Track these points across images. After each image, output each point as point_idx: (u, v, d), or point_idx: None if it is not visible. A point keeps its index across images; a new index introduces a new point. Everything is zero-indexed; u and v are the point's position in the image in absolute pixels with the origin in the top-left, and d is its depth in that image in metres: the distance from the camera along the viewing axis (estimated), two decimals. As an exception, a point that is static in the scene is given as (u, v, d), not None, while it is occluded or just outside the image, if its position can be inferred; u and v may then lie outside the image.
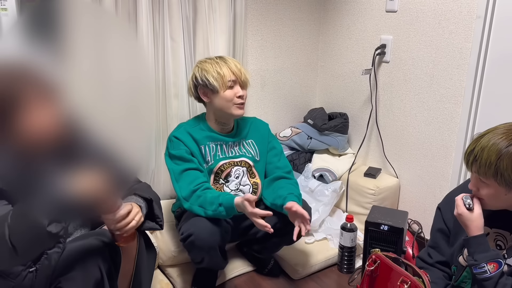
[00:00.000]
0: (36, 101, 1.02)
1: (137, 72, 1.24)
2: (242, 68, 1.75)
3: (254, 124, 1.90)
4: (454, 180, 2.03)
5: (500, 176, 1.15)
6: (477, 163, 1.18)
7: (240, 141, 1.83)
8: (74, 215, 1.30)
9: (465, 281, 1.33)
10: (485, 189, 1.21)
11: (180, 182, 1.68)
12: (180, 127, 1.80)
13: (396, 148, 2.30)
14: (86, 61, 1.74)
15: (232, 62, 1.73)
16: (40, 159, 1.11)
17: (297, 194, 1.73)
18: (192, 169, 1.69)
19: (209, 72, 1.70)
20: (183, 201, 1.67)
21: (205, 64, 1.73)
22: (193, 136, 1.74)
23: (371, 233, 1.84)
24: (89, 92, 1.58)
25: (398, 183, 2.31)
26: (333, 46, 2.55)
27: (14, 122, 1.00)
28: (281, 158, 1.90)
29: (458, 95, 1.96)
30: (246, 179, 1.83)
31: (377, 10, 2.25)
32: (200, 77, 1.72)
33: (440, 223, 1.47)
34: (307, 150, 2.50)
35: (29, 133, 1.02)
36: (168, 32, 1.98)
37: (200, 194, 1.64)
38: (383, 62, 2.26)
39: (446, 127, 2.04)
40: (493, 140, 1.16)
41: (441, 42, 1.98)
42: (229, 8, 2.13)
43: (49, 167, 1.12)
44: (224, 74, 1.69)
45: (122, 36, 1.51)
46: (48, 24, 1.09)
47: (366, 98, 2.40)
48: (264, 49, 2.42)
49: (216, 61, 1.73)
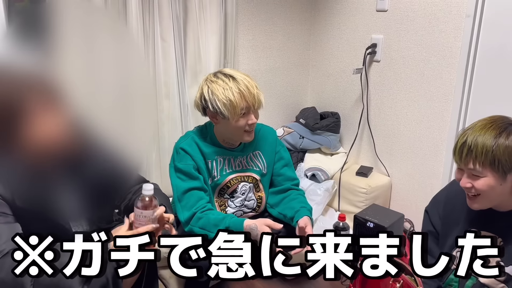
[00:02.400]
0: (40, 108, 1.01)
1: (132, 68, 1.23)
2: (255, 91, 1.55)
3: (261, 133, 1.75)
4: (445, 178, 2.04)
5: (497, 163, 1.13)
6: (472, 153, 1.15)
7: (248, 154, 1.73)
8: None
9: (451, 284, 1.32)
10: (481, 181, 1.17)
11: (182, 202, 1.58)
12: (187, 136, 1.66)
13: (387, 147, 2.31)
14: (79, 61, 1.73)
15: (245, 84, 1.53)
16: (50, 169, 1.09)
17: (309, 208, 1.67)
18: (196, 189, 1.59)
19: (219, 98, 1.51)
20: (183, 224, 1.59)
21: (214, 85, 1.53)
22: (201, 148, 1.63)
23: (359, 229, 1.83)
24: (86, 92, 1.56)
25: (390, 181, 2.32)
26: (325, 46, 2.55)
27: (21, 131, 0.98)
28: (289, 169, 1.80)
29: (448, 93, 1.97)
30: (251, 194, 1.75)
31: (368, 10, 2.25)
32: (210, 100, 1.53)
33: (429, 226, 1.46)
34: (299, 150, 2.50)
35: (37, 142, 1.00)
36: (158, 32, 1.97)
37: (201, 216, 1.55)
38: (374, 61, 2.27)
39: (437, 126, 2.05)
40: (484, 129, 1.15)
41: (431, 41, 1.99)
42: (219, 8, 2.12)
43: (60, 177, 1.10)
44: (237, 103, 1.50)
45: (116, 34, 1.50)
46: (39, 26, 1.08)
47: (357, 97, 2.41)
48: (256, 49, 2.42)
49: (227, 83, 1.52)
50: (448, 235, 1.35)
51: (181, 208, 1.59)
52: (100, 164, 1.19)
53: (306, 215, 1.60)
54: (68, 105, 1.04)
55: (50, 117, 1.02)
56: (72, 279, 0.99)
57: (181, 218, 1.59)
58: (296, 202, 1.68)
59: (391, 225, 1.79)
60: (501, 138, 1.13)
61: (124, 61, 1.72)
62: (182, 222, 1.59)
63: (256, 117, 1.60)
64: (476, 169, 1.17)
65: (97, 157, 1.15)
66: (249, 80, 1.56)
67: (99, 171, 1.20)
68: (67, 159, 1.07)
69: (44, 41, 1.04)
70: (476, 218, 1.27)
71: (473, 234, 1.06)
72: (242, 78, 1.55)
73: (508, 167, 1.14)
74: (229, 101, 1.50)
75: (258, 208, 1.78)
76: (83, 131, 1.10)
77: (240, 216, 1.74)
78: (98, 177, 1.21)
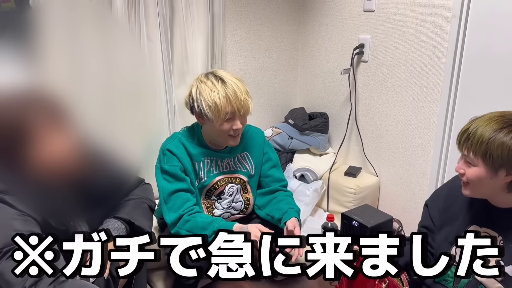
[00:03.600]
0: (47, 126, 1.01)
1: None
2: (243, 96, 1.50)
3: (249, 134, 1.73)
4: (433, 178, 2.05)
5: (488, 156, 1.14)
6: (469, 141, 1.17)
7: (236, 155, 1.71)
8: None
9: (447, 279, 1.33)
10: (471, 170, 1.19)
11: (168, 204, 1.57)
12: (174, 137, 1.64)
13: (375, 147, 2.32)
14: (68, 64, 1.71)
15: (233, 89, 1.49)
16: (52, 179, 1.09)
17: (297, 210, 1.66)
18: (183, 191, 1.57)
19: (205, 99, 1.49)
20: (169, 226, 1.58)
21: (203, 86, 1.51)
22: (188, 150, 1.61)
23: (345, 227, 1.84)
24: (80, 96, 1.54)
25: (378, 181, 2.32)
26: (313, 46, 2.55)
27: (29, 151, 0.99)
28: (277, 171, 1.78)
29: (435, 93, 1.98)
30: (239, 195, 1.74)
31: (355, 10, 2.26)
32: (196, 100, 1.52)
33: (427, 220, 1.46)
34: (288, 150, 2.50)
35: (47, 162, 1.01)
36: (144, 32, 1.95)
37: (188, 219, 1.53)
38: (362, 62, 2.28)
39: (424, 126, 2.06)
40: (489, 121, 1.17)
41: (418, 41, 2.00)
42: (206, 8, 2.11)
43: (62, 188, 1.11)
44: (221, 107, 1.47)
45: (106, 29, 1.48)
46: (25, 29, 1.07)
47: (345, 97, 2.41)
48: (243, 49, 2.41)
49: (215, 85, 1.49)
50: (444, 227, 1.35)
51: (167, 210, 1.57)
52: (101, 172, 1.20)
53: (294, 217, 1.59)
54: (63, 113, 1.05)
55: (48, 130, 1.02)
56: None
57: (168, 220, 1.57)
58: (284, 203, 1.68)
59: (375, 225, 1.79)
60: (501, 133, 1.14)
61: (116, 59, 1.70)
62: (169, 224, 1.58)
63: (242, 123, 1.56)
64: (469, 156, 1.18)
65: (97, 165, 1.15)
66: (238, 84, 1.52)
67: (101, 178, 1.21)
68: (69, 171, 1.08)
69: (31, 47, 1.03)
70: (476, 215, 1.28)
71: (473, 234, 1.07)
72: (232, 82, 1.51)
73: (499, 163, 1.14)
74: (214, 103, 1.48)
75: (246, 210, 1.76)
76: (82, 139, 1.11)
77: (227, 218, 1.72)
78: (99, 185, 1.21)
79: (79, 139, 1.10)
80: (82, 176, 1.10)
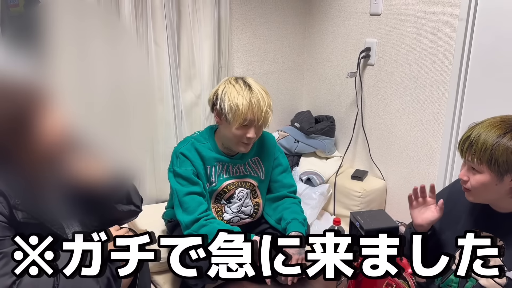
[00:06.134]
0: (38, 115, 1.00)
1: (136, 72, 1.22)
2: (265, 108, 1.53)
3: (261, 139, 1.72)
4: (440, 182, 2.04)
5: (494, 162, 1.13)
6: (472, 148, 1.16)
7: (247, 160, 1.72)
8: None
9: (451, 284, 1.32)
10: (476, 177, 1.18)
11: (183, 205, 1.58)
12: (187, 141, 1.65)
13: (382, 151, 2.31)
14: (75, 66, 1.73)
15: (257, 98, 1.52)
16: (47, 177, 1.09)
17: (301, 219, 1.67)
18: (196, 194, 1.59)
19: (229, 100, 1.52)
20: (183, 227, 1.59)
21: (231, 87, 1.55)
22: (200, 154, 1.62)
23: (351, 227, 1.83)
24: (81, 98, 1.55)
25: (385, 185, 2.31)
26: (319, 50, 2.56)
27: (18, 139, 0.99)
28: (287, 176, 1.79)
29: (442, 97, 1.97)
30: (248, 200, 1.74)
31: (362, 13, 2.26)
32: (220, 99, 1.55)
33: None
34: (294, 154, 2.50)
35: (36, 149, 1.01)
36: (152, 36, 1.97)
37: (204, 224, 1.55)
38: (368, 65, 2.27)
39: (431, 129, 2.05)
40: (490, 127, 1.16)
41: (424, 44, 1.99)
42: (213, 12, 2.12)
43: (57, 186, 1.10)
44: (242, 111, 1.50)
45: (113, 35, 1.47)
46: (33, 31, 1.08)
47: (352, 101, 2.41)
48: (250, 53, 2.41)
49: (242, 89, 1.53)
50: (444, 231, 1.34)
51: (182, 211, 1.59)
52: (99, 173, 1.19)
53: (296, 230, 1.59)
54: (65, 112, 1.05)
55: (47, 124, 1.02)
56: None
57: (182, 221, 1.58)
58: (289, 212, 1.68)
59: (372, 229, 1.77)
60: (504, 139, 1.13)
61: (121, 64, 1.71)
62: (183, 226, 1.59)
63: (257, 133, 1.58)
64: (474, 164, 1.17)
65: (97, 165, 1.15)
66: (264, 96, 1.55)
67: (98, 181, 1.21)
68: (64, 167, 1.08)
69: (38, 47, 1.04)
70: (478, 219, 1.27)
71: (473, 234, 1.06)
72: (258, 92, 1.54)
73: (504, 168, 1.14)
74: (236, 106, 1.50)
75: (255, 215, 1.76)
76: (81, 138, 1.11)
77: (237, 222, 1.73)
78: (95, 187, 1.21)
79: (80, 139, 1.09)
80: (79, 176, 1.10)
